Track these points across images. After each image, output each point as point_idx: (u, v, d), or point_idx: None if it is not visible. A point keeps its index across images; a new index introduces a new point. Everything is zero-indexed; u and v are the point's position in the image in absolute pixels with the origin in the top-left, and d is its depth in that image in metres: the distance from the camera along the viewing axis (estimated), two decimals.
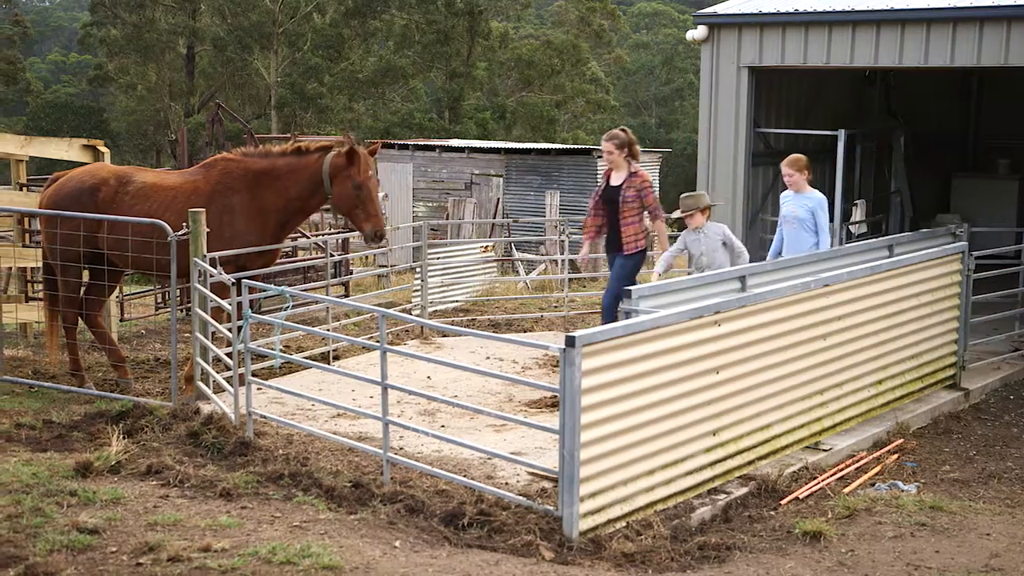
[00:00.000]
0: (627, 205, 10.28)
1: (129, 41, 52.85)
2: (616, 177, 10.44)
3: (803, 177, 10.37)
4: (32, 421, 8.58)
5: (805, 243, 10.26)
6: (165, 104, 53.54)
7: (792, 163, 10.42)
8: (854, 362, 9.05)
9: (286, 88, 51.02)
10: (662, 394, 7.09)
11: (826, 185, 16.27)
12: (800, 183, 10.37)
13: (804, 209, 10.28)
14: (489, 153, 31.59)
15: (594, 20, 60.03)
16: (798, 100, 15.70)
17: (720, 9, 14.46)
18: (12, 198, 13.06)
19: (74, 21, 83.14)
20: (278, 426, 8.51)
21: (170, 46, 53.88)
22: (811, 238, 10.26)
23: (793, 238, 10.36)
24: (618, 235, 10.38)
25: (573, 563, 6.21)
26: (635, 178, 10.32)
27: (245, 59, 51.48)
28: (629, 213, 10.30)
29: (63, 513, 6.21)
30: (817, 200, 10.31)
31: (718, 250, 10.01)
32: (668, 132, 65.57)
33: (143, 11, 52.59)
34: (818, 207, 10.26)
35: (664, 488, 7.17)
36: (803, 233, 10.28)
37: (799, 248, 10.24)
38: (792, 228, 10.37)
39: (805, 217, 10.26)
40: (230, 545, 5.79)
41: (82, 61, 72.77)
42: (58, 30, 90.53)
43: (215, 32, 51.89)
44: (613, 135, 10.40)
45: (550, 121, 53.02)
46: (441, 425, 8.97)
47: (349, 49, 51.62)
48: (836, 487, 7.86)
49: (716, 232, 10.13)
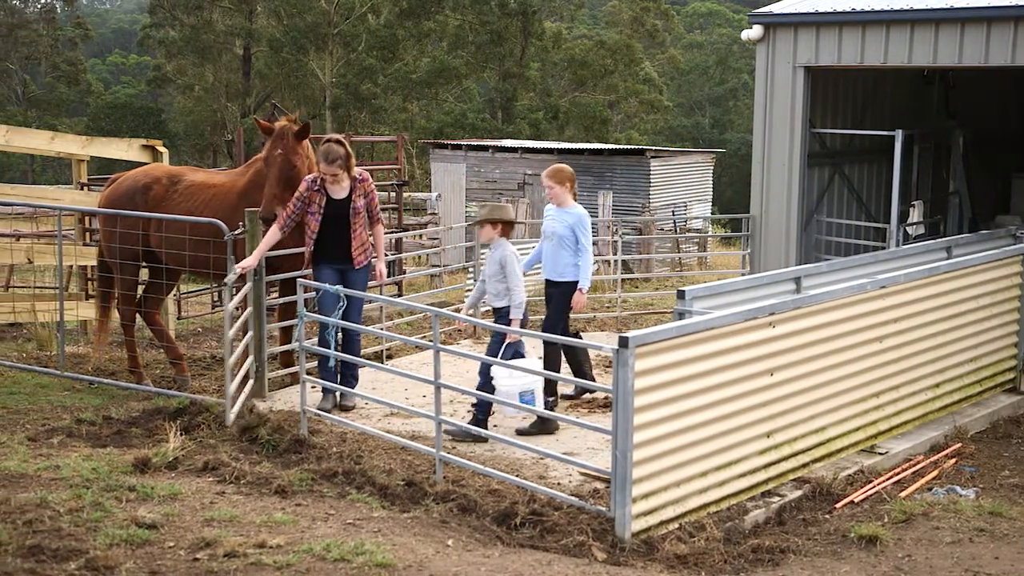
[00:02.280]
0: (358, 216, 9.31)
1: (187, 42, 53.53)
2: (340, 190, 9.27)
3: (565, 191, 9.32)
4: (92, 417, 8.71)
5: (563, 261, 9.27)
6: (222, 104, 54.16)
7: (553, 175, 9.34)
8: (911, 365, 8.95)
9: (341, 88, 51.40)
10: (716, 395, 7.06)
11: (883, 186, 16.15)
12: (562, 197, 9.32)
13: (564, 225, 9.25)
14: (542, 153, 31.56)
15: (648, 20, 59.84)
16: (854, 100, 15.54)
17: (776, 8, 14.35)
18: (74, 197, 13.30)
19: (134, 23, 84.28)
20: (332, 424, 8.59)
21: (227, 47, 54.50)
22: (571, 257, 9.26)
23: (552, 256, 9.35)
24: (348, 248, 9.32)
25: (625, 564, 6.20)
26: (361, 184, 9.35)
27: (300, 60, 51.90)
28: (359, 224, 9.34)
29: (122, 508, 6.30)
30: (577, 216, 9.25)
31: (494, 276, 8.82)
32: (722, 132, 65.24)
33: (201, 13, 53.26)
34: (578, 224, 9.22)
35: (717, 490, 7.14)
36: (562, 251, 9.26)
37: (557, 266, 9.31)
38: (551, 244, 9.33)
39: (565, 234, 9.24)
40: (285, 542, 5.85)
41: (141, 62, 73.89)
42: (118, 32, 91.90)
43: (271, 33, 52.39)
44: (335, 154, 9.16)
45: (603, 121, 52.92)
46: (494, 425, 8.99)
47: (403, 50, 51.86)
48: (892, 491, 7.77)
49: (497, 255, 8.85)
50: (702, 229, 28.75)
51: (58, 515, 6.03)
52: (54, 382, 10.08)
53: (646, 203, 28.47)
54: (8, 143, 13.40)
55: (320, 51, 51.91)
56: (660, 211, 28.48)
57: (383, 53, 51.41)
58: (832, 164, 15.43)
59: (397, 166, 15.58)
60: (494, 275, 8.81)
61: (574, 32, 62.45)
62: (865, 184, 16.33)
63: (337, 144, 9.21)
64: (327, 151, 9.11)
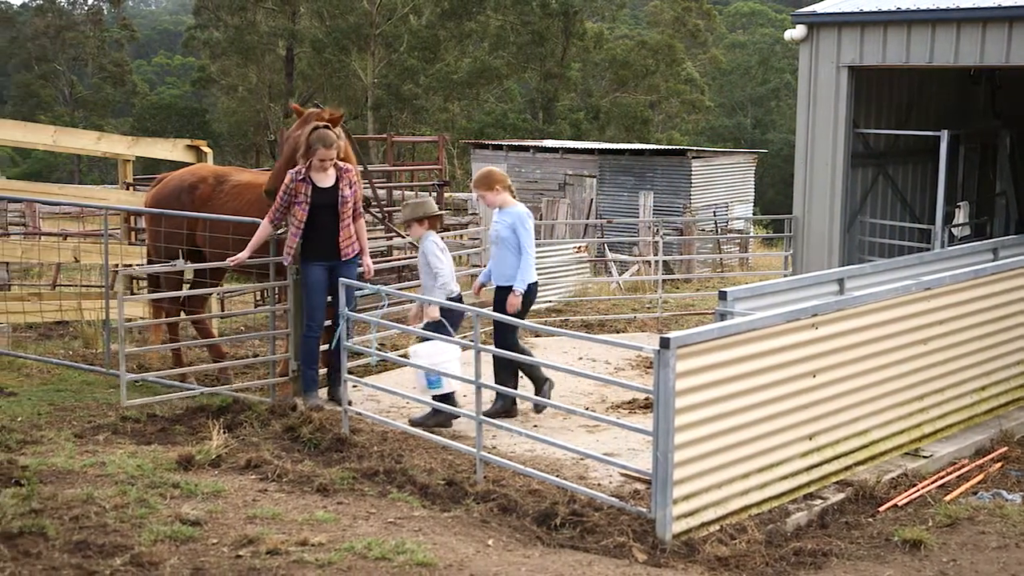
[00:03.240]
0: (346, 205, 9.22)
1: (231, 43, 54.06)
2: (326, 179, 9.20)
3: (498, 193, 9.09)
4: (137, 414, 8.81)
5: (508, 264, 9.04)
6: (265, 105, 54.61)
7: (478, 183, 9.14)
8: (956, 367, 8.84)
9: (382, 89, 51.63)
10: (757, 397, 7.02)
11: (928, 186, 15.98)
12: (496, 200, 9.10)
13: (504, 227, 9.03)
14: (583, 153, 31.57)
15: (689, 20, 59.65)
16: (899, 99, 15.40)
17: (819, 8, 14.25)
18: (119, 197, 13.46)
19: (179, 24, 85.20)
20: (373, 423, 8.63)
21: (270, 48, 54.95)
22: (514, 259, 9.01)
23: (498, 260, 9.12)
24: (336, 238, 9.23)
25: (666, 566, 6.18)
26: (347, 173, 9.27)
27: (343, 60, 52.21)
28: (347, 214, 9.24)
29: (166, 504, 6.37)
30: (516, 215, 9.04)
31: (423, 269, 8.94)
32: (764, 133, 64.89)
33: (245, 14, 53.75)
34: (517, 222, 9.00)
35: (759, 492, 7.10)
36: (507, 254, 9.02)
37: (503, 270, 9.09)
38: (497, 249, 9.12)
39: (507, 236, 9.01)
40: (327, 540, 5.88)
41: (186, 63, 74.70)
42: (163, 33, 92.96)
43: (314, 34, 52.74)
44: (331, 139, 9.11)
45: (644, 121, 52.82)
46: (534, 425, 9.00)
47: (445, 50, 52.03)
48: (937, 495, 7.68)
49: (426, 248, 9.01)
50: (744, 230, 28.62)
51: (104, 511, 6.10)
52: (100, 380, 10.21)
53: (687, 204, 28.39)
54: (56, 143, 13.60)
55: (362, 52, 52.20)
56: (701, 212, 28.38)
57: (425, 53, 51.60)
58: (876, 165, 15.30)
59: (438, 166, 15.65)
60: (423, 269, 9.04)
61: (615, 32, 62.36)
62: (910, 185, 16.18)
63: (328, 129, 9.15)
64: (324, 136, 9.02)
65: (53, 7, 64.91)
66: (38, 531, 5.68)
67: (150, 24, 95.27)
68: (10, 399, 9.27)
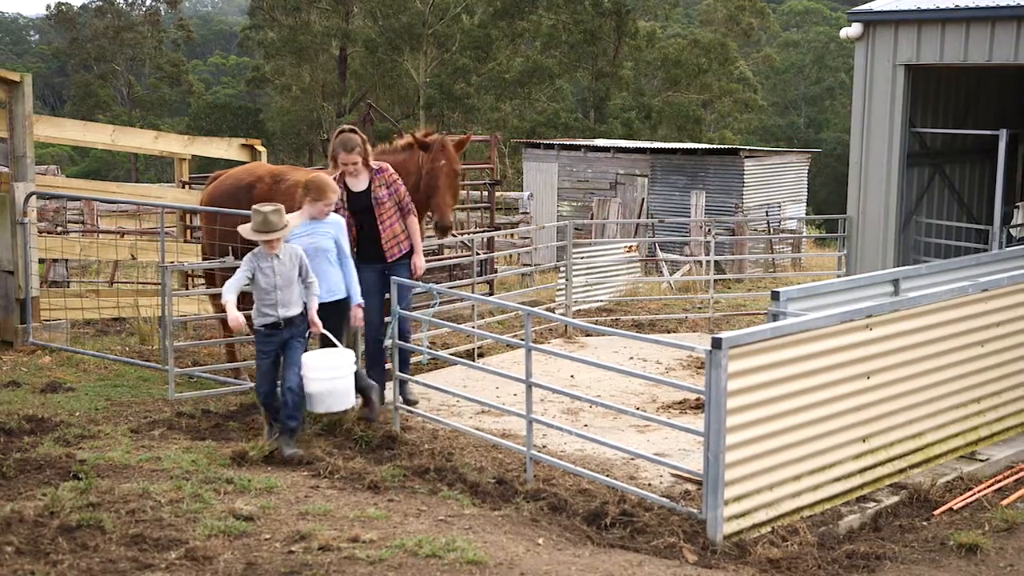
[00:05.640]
0: (382, 205, 9.08)
1: (285, 43, 54.52)
2: (359, 183, 9.11)
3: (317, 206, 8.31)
4: (191, 410, 8.92)
5: (326, 277, 8.25)
6: (318, 104, 55.00)
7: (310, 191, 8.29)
8: (1014, 370, 8.71)
9: (434, 88, 51.81)
10: (810, 398, 6.96)
11: (986, 187, 15.75)
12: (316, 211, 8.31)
13: (327, 238, 8.33)
14: (634, 153, 31.46)
15: (743, 18, 59.26)
16: (956, 98, 15.19)
17: (876, 6, 14.09)
18: (175, 195, 13.63)
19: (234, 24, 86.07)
20: (424, 421, 8.67)
21: (324, 48, 55.33)
22: (335, 271, 8.37)
23: (317, 274, 8.10)
24: (379, 240, 9.09)
25: (717, 567, 6.15)
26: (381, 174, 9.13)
27: (395, 60, 52.47)
28: (385, 214, 9.09)
29: (220, 499, 6.45)
30: (336, 225, 8.42)
31: (293, 283, 7.87)
32: (817, 132, 64.29)
33: (299, 14, 54.18)
34: (339, 232, 8.43)
35: (811, 494, 7.04)
36: (327, 266, 8.31)
37: (329, 285, 8.26)
38: (314, 263, 8.13)
39: (328, 247, 8.31)
40: (378, 536, 5.92)
41: (240, 63, 75.48)
42: (219, 33, 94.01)
43: (367, 34, 53.05)
44: (354, 142, 8.95)
45: (696, 121, 52.53)
46: (584, 424, 8.99)
47: (496, 50, 52.09)
48: (993, 499, 7.57)
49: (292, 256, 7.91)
50: (796, 230, 28.38)
51: (159, 505, 6.19)
52: (155, 375, 10.34)
53: (739, 203, 28.21)
54: (115, 142, 13.79)
55: (415, 51, 52.42)
56: (753, 211, 28.19)
57: (477, 53, 51.71)
58: (932, 164, 15.10)
59: (490, 165, 15.66)
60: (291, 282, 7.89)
61: (668, 31, 62.10)
62: (967, 185, 15.96)
63: (352, 132, 9.11)
64: (346, 140, 8.96)
65: (112, 8, 65.89)
66: (95, 524, 5.78)
67: (206, 24, 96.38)
68: (68, 394, 9.42)
